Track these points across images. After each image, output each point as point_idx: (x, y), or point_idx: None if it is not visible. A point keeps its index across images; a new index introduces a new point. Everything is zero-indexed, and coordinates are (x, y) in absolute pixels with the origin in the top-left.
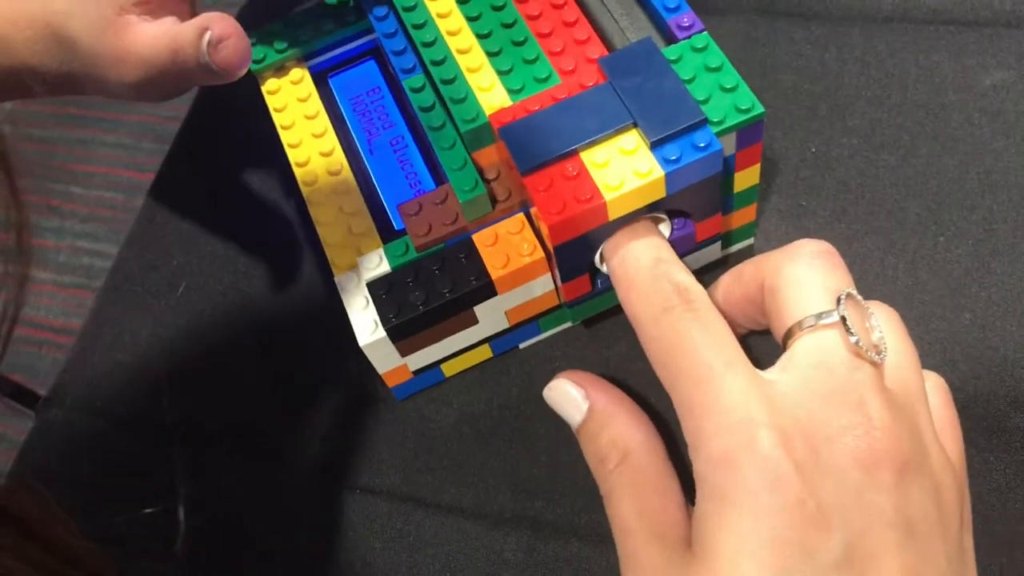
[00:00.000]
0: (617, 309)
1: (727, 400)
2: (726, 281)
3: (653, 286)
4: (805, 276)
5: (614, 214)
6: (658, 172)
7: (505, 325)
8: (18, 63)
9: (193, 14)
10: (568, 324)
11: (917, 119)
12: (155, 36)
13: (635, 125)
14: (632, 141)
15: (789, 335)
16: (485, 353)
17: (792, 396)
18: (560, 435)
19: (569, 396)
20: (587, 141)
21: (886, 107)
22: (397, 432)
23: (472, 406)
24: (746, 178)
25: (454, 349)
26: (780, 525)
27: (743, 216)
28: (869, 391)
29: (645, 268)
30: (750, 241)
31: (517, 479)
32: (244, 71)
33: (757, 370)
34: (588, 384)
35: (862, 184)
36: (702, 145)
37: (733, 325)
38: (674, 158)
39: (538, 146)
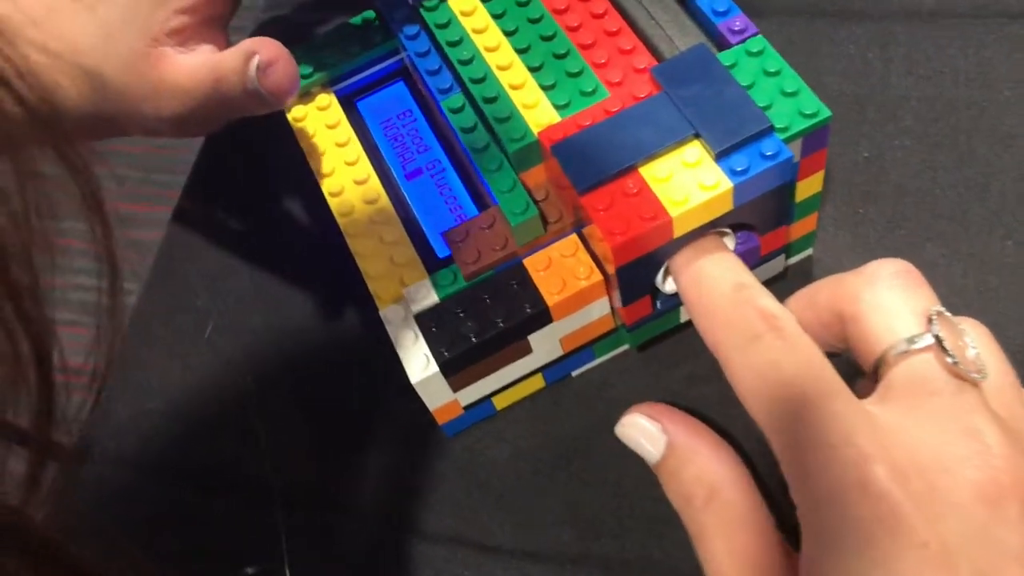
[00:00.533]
0: (675, 330)
1: (832, 435)
2: (796, 307)
3: (736, 313)
4: (888, 299)
5: (680, 231)
6: (726, 184)
7: (559, 353)
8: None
9: (227, 42)
10: (623, 348)
11: (972, 117)
12: (195, 66)
13: (697, 136)
14: (695, 153)
15: (881, 364)
16: (537, 383)
17: (899, 427)
18: (624, 466)
19: (645, 431)
20: (647, 155)
21: (938, 106)
22: (450, 471)
23: (526, 440)
24: (809, 186)
25: (506, 381)
26: (903, 571)
27: (804, 226)
28: (980, 416)
29: (725, 293)
30: (809, 252)
31: (580, 517)
32: (294, 96)
33: (858, 399)
34: (664, 417)
35: (919, 188)
36: (770, 154)
37: None
38: (741, 169)
39: (594, 163)
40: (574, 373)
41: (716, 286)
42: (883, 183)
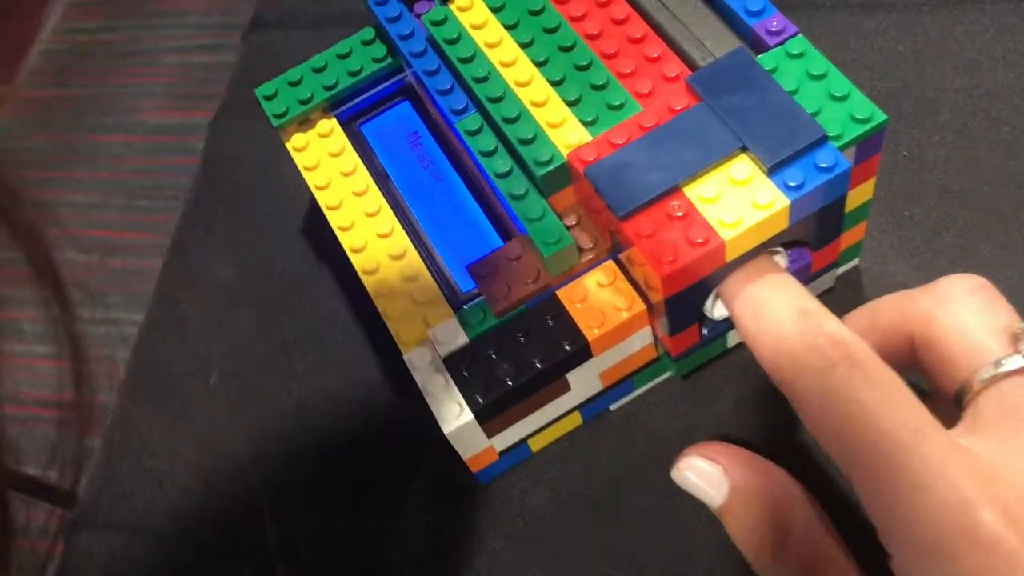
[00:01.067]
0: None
1: (926, 476)
2: (856, 330)
3: (803, 343)
4: (966, 320)
5: (732, 255)
6: (782, 202)
7: (598, 388)
8: None
9: None
10: (663, 377)
11: (1015, 107)
12: None
13: (745, 149)
14: (744, 168)
15: (965, 391)
16: (575, 421)
17: (998, 461)
18: (672, 505)
19: (704, 474)
20: (691, 174)
21: (976, 97)
22: (485, 522)
23: (565, 483)
24: (860, 194)
25: (543, 422)
26: None
27: (852, 236)
28: None
29: (788, 321)
30: (855, 261)
31: (627, 563)
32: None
33: (950, 432)
34: (724, 456)
35: (965, 186)
36: (826, 165)
37: None
38: (797, 184)
39: (634, 185)
40: (612, 407)
41: (777, 314)
42: (926, 182)
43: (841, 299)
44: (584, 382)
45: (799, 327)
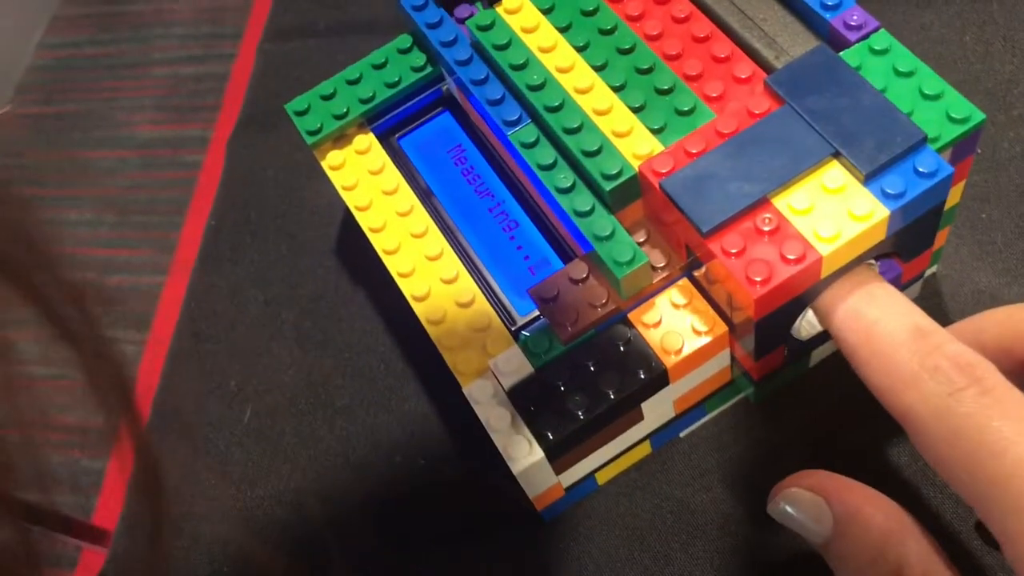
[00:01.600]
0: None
1: None
2: None
3: (923, 366)
4: None
5: (828, 270)
6: (881, 212)
7: (671, 415)
8: None
9: None
10: (736, 399)
11: None
12: None
13: (837, 155)
14: (838, 176)
15: None
16: (644, 450)
17: None
18: (762, 538)
19: (805, 505)
20: (780, 183)
21: None
22: (553, 566)
23: (636, 517)
24: (950, 198)
25: (612, 454)
26: None
27: (936, 241)
28: None
29: (903, 342)
30: (934, 268)
31: None
32: None
33: None
34: (826, 487)
35: None
36: (927, 171)
37: None
38: (897, 192)
39: (718, 197)
40: (682, 434)
41: (889, 333)
42: (1003, 181)
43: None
44: (657, 410)
45: (916, 347)
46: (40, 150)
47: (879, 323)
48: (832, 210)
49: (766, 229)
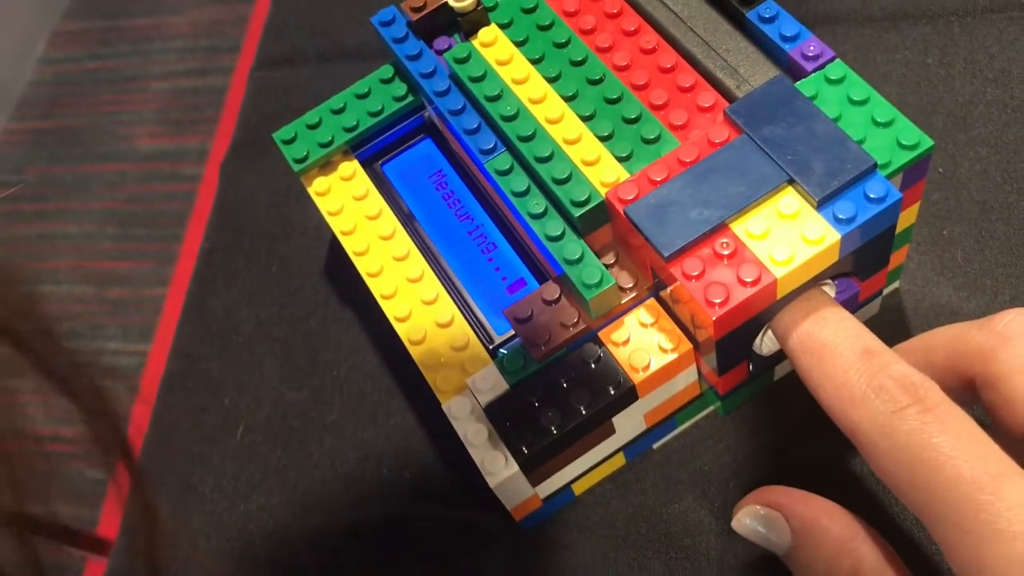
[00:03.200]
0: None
1: (1013, 522)
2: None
3: (871, 387)
4: None
5: (784, 291)
6: (833, 236)
7: (642, 429)
8: None
9: None
10: (706, 412)
11: None
12: None
13: (792, 182)
14: (792, 202)
15: None
16: (618, 462)
17: None
18: (726, 545)
19: (765, 521)
20: (738, 209)
21: (1011, 109)
22: (533, 572)
23: (613, 527)
24: (904, 220)
25: (587, 466)
26: None
27: (894, 259)
28: None
29: (852, 363)
30: (896, 284)
31: None
32: None
33: None
34: (781, 503)
35: (1004, 202)
36: (876, 196)
37: None
38: (848, 216)
39: (678, 223)
40: (655, 445)
41: (839, 355)
42: (963, 199)
43: (883, 323)
44: (629, 424)
45: (863, 368)
46: (41, 164)
47: (829, 346)
48: (786, 235)
49: (724, 253)
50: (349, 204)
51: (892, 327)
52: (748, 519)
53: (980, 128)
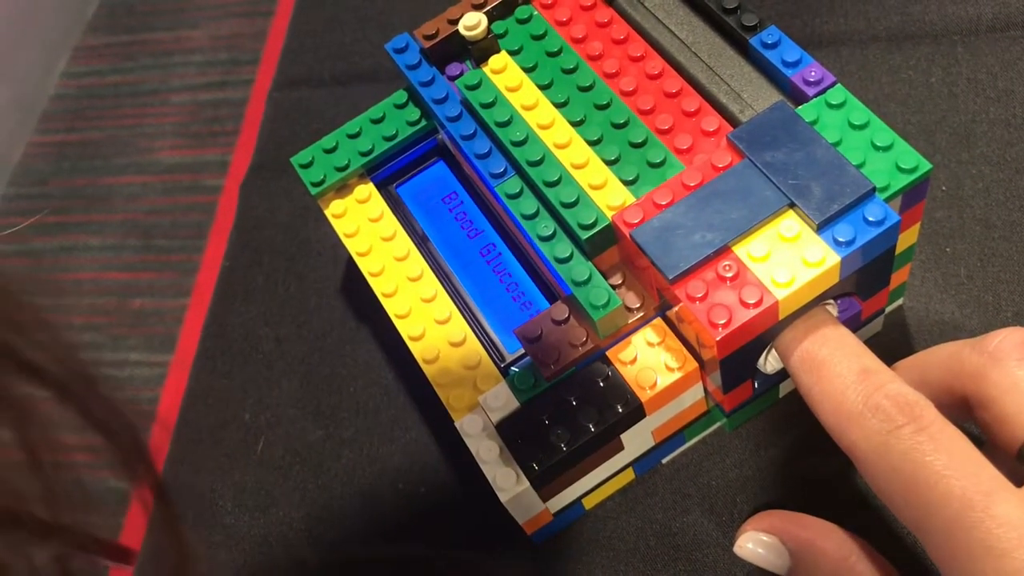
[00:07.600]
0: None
1: (1002, 539)
2: (907, 381)
3: (868, 406)
4: (1021, 378)
5: (785, 312)
6: (832, 259)
7: (650, 445)
8: None
9: None
10: (714, 428)
11: None
12: None
13: (793, 206)
14: (793, 225)
15: None
16: (627, 477)
17: None
18: (734, 561)
19: (764, 546)
20: (740, 233)
21: (1013, 127)
22: None
23: (622, 540)
24: (905, 240)
25: (596, 481)
26: None
27: (897, 278)
28: None
29: (850, 382)
30: (900, 301)
31: None
32: None
33: (1021, 491)
34: (778, 527)
35: (1007, 219)
36: (875, 219)
37: None
38: (846, 239)
39: (683, 246)
40: (664, 460)
41: (838, 373)
42: (966, 217)
43: (887, 341)
44: (637, 440)
45: (860, 387)
46: (64, 177)
47: (828, 364)
48: (787, 257)
49: (727, 275)
50: (365, 226)
51: (896, 344)
52: (749, 544)
53: (983, 147)
